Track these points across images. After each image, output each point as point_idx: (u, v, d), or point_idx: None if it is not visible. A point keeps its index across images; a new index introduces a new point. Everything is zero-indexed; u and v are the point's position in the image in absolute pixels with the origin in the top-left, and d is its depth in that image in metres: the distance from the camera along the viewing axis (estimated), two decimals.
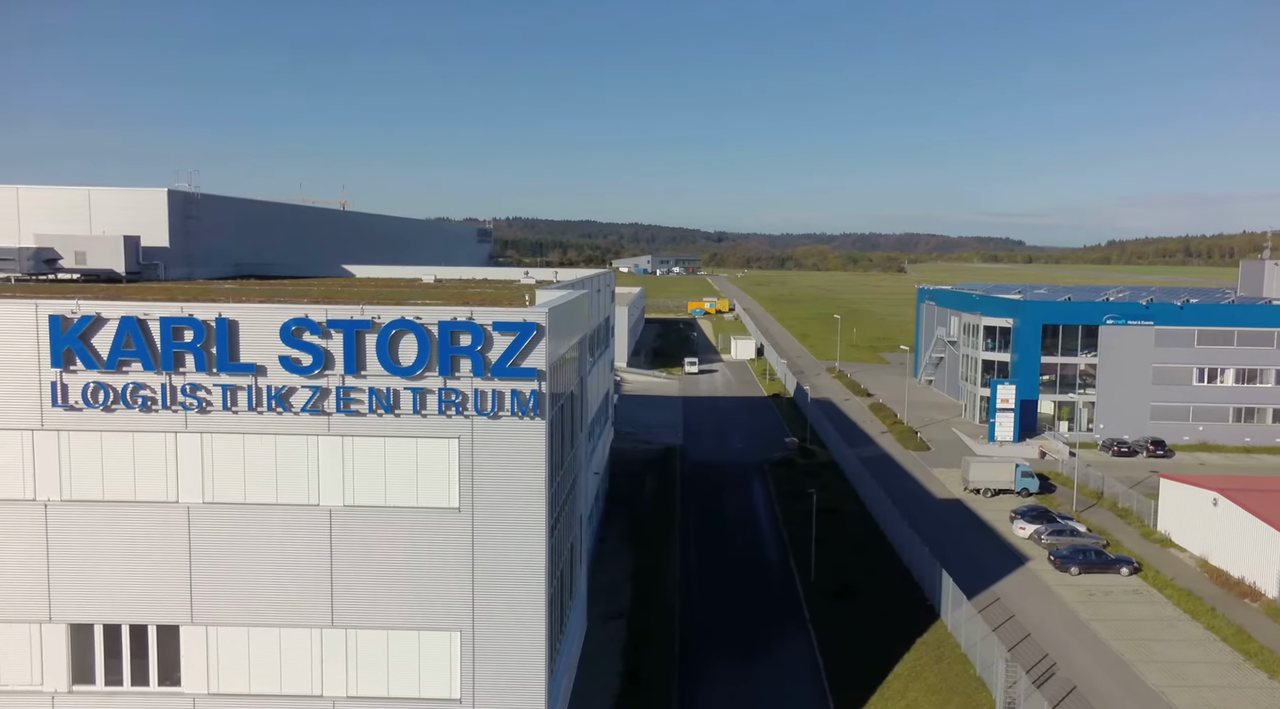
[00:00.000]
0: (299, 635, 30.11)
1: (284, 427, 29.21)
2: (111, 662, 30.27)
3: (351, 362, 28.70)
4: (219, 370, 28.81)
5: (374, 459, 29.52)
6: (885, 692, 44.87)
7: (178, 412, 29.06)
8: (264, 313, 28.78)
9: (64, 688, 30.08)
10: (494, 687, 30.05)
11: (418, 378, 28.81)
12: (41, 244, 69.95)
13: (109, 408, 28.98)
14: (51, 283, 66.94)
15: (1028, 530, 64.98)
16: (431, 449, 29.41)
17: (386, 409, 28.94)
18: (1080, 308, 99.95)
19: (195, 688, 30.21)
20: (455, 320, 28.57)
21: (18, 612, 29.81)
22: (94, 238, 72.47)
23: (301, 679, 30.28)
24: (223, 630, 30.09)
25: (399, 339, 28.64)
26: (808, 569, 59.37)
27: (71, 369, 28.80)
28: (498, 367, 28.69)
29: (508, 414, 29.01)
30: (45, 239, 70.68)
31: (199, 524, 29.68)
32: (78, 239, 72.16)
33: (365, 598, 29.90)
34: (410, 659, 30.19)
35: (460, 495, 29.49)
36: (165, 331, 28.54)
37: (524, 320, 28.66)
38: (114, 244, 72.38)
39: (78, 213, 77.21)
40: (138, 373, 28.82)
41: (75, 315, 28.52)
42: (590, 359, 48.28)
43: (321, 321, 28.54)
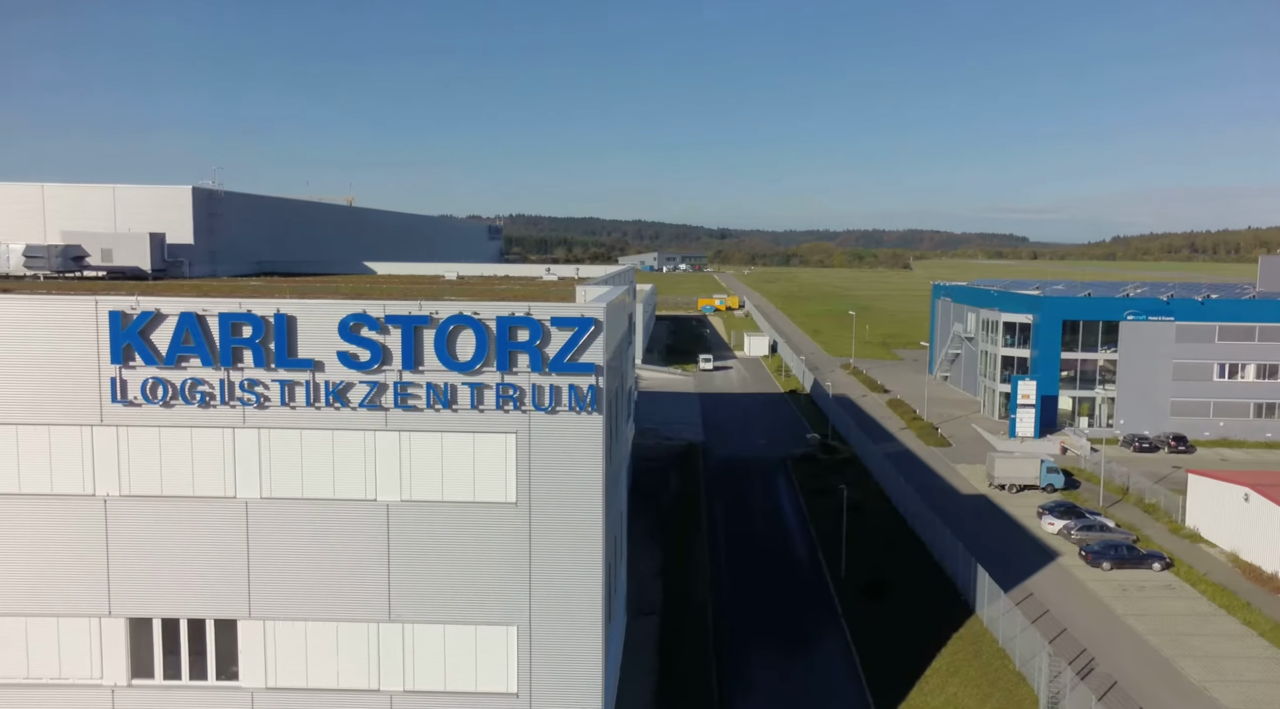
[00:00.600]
0: (356, 630, 30.22)
1: (341, 422, 29.31)
2: (170, 656, 30.39)
3: (410, 357, 28.78)
4: (277, 366, 28.91)
5: (431, 454, 29.60)
6: (924, 686, 44.89)
7: (236, 407, 29.16)
8: (322, 308, 28.86)
9: (123, 682, 30.23)
10: (551, 681, 30.13)
11: (475, 373, 28.87)
12: (68, 241, 70.12)
13: (168, 403, 29.09)
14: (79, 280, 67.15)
15: (1056, 526, 64.98)
16: (489, 444, 29.49)
17: (444, 404, 29.02)
18: (1100, 304, 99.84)
19: (253, 682, 30.33)
20: (513, 316, 28.63)
21: (78, 606, 29.96)
22: (120, 235, 72.65)
23: (359, 673, 30.40)
24: (280, 625, 30.20)
25: (457, 334, 28.71)
26: (837, 565, 59.41)
27: (131, 365, 28.91)
28: (556, 362, 28.74)
29: (565, 409, 29.07)
30: (71, 236, 70.86)
31: (257, 519, 29.79)
32: (104, 236, 72.34)
33: (422, 592, 29.99)
34: (467, 654, 30.28)
35: (517, 490, 29.57)
36: (224, 327, 28.63)
37: (582, 315, 28.72)
38: (140, 241, 72.53)
39: (102, 210, 77.40)
40: (196, 368, 28.93)
41: (135, 311, 28.63)
42: (622, 355, 48.43)
43: (380, 317, 28.61)
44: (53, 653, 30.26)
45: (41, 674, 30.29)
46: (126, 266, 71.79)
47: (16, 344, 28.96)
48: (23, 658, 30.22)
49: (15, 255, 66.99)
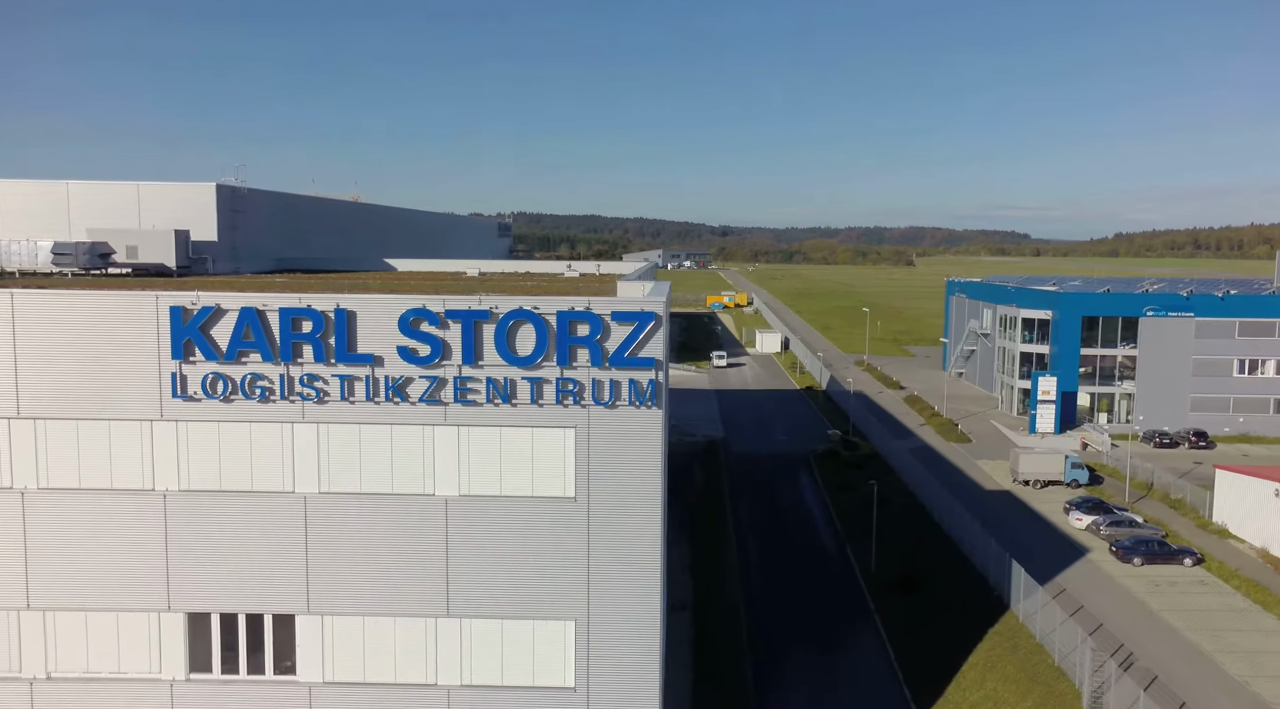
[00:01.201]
0: (414, 625, 30.28)
1: (400, 417, 29.37)
2: (227, 651, 30.47)
3: (470, 352, 28.82)
4: (337, 361, 28.98)
5: (490, 449, 29.66)
6: (961, 682, 44.92)
7: (295, 402, 29.21)
8: (382, 303, 28.90)
9: (182, 676, 30.32)
10: (608, 675, 30.19)
11: (535, 368, 28.92)
12: (95, 239, 70.21)
13: (227, 398, 29.16)
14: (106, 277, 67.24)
15: (1084, 521, 64.96)
16: (548, 439, 29.54)
17: (504, 399, 29.06)
18: (1120, 300, 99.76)
19: (310, 677, 30.41)
20: (574, 310, 28.67)
21: (137, 601, 30.06)
22: (145, 232, 72.72)
23: (416, 668, 30.47)
24: (338, 620, 30.29)
25: (517, 329, 28.75)
26: (866, 560, 59.44)
27: (191, 360, 29.00)
28: (616, 356, 28.78)
29: (625, 403, 29.11)
30: (97, 233, 70.93)
31: (315, 514, 29.85)
32: (129, 233, 72.39)
33: (480, 587, 30.06)
34: (524, 648, 30.35)
35: (576, 485, 29.61)
36: (284, 322, 28.68)
37: (642, 310, 28.75)
38: (165, 238, 72.60)
39: (127, 208, 77.49)
40: (256, 364, 28.99)
41: (195, 306, 28.69)
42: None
43: (440, 312, 28.65)
44: (112, 647, 30.36)
45: (100, 668, 30.40)
46: (151, 264, 71.89)
47: (78, 339, 29.06)
48: (82, 652, 30.33)
49: (44, 252, 67.07)
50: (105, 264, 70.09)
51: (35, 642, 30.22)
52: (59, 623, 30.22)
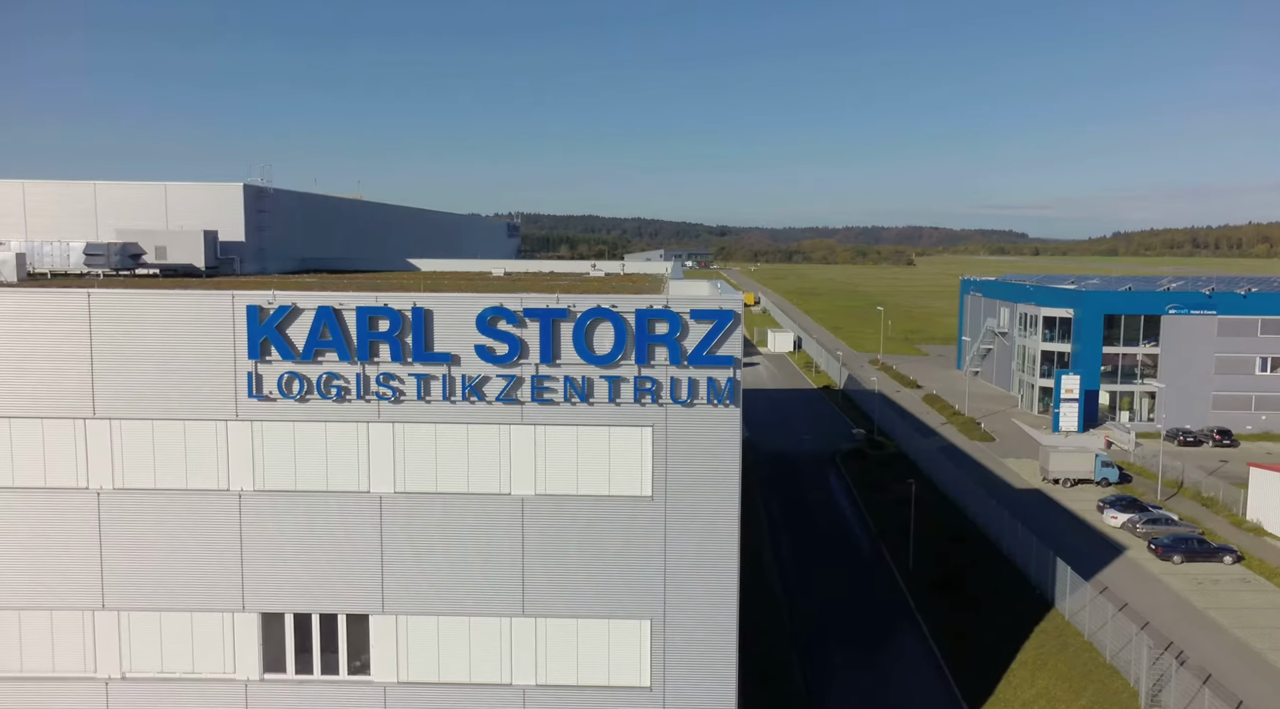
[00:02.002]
0: (489, 624, 30.22)
1: (477, 416, 29.31)
2: (301, 652, 30.38)
3: (548, 350, 28.76)
4: (414, 360, 28.88)
5: (566, 448, 29.59)
6: (1011, 680, 44.86)
7: (371, 401, 29.14)
8: (460, 302, 28.85)
9: (256, 677, 30.24)
10: (684, 674, 30.15)
11: (613, 366, 28.87)
12: (123, 239, 70.08)
13: (303, 398, 29.10)
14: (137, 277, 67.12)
15: (1119, 519, 64.91)
16: (625, 437, 29.48)
17: (581, 398, 29.00)
18: (1142, 297, 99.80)
19: (385, 677, 30.34)
20: (652, 309, 28.60)
21: (211, 601, 29.99)
22: (174, 233, 72.55)
23: (491, 668, 30.41)
24: (413, 619, 30.21)
25: (595, 327, 28.69)
26: (902, 558, 59.39)
27: (267, 359, 28.93)
28: (695, 354, 28.72)
29: (703, 402, 29.06)
30: (125, 234, 70.76)
31: (390, 513, 29.79)
32: (158, 234, 72.20)
33: (556, 586, 29.99)
34: (600, 647, 30.29)
35: (653, 483, 29.54)
36: (361, 321, 28.62)
37: (720, 308, 28.68)
38: (194, 239, 72.43)
39: (154, 208, 77.33)
40: (333, 363, 28.92)
41: (272, 306, 28.62)
42: None
43: (518, 310, 28.59)
44: (186, 648, 30.29)
45: (175, 669, 30.33)
46: (180, 264, 71.71)
47: (153, 339, 29.01)
48: (156, 652, 30.26)
49: (76, 253, 66.91)
50: (135, 265, 70.02)
51: (110, 642, 30.15)
52: (133, 623, 30.15)
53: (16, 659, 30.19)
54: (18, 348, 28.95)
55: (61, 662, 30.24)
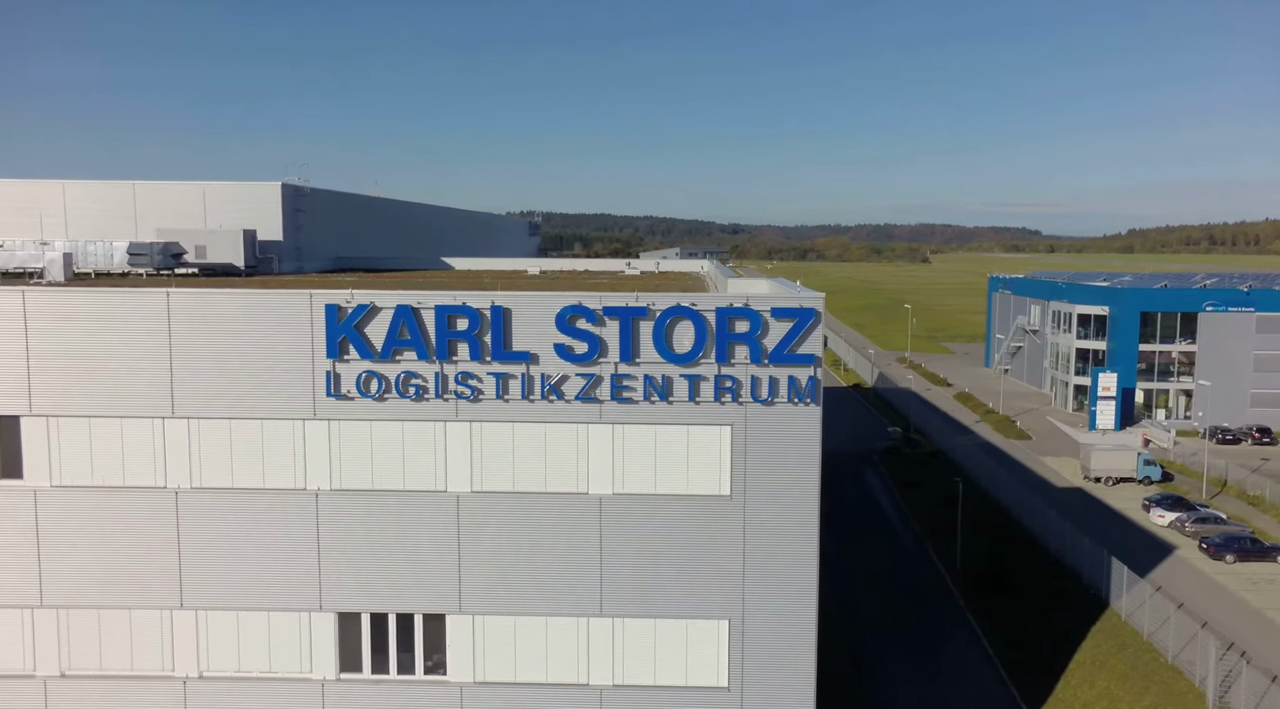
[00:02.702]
0: (565, 624, 30.08)
1: (555, 414, 29.16)
2: (378, 651, 30.31)
3: (627, 349, 28.59)
4: (493, 359, 28.74)
5: (644, 447, 29.42)
6: (1070, 680, 44.50)
7: (449, 400, 29.02)
8: (539, 300, 28.70)
9: (332, 676, 30.20)
10: (763, 674, 29.95)
11: (693, 365, 28.68)
12: (164, 239, 70.31)
13: (381, 397, 28.99)
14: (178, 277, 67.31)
15: (1167, 518, 64.38)
16: (704, 436, 29.29)
17: (661, 396, 28.83)
18: (1179, 295, 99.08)
19: (461, 677, 30.24)
20: (732, 307, 28.40)
21: (289, 600, 29.95)
22: (214, 232, 72.81)
23: (568, 668, 30.27)
24: (489, 619, 30.08)
25: (674, 326, 28.51)
26: (947, 557, 59.04)
27: (345, 359, 28.84)
28: (775, 353, 28.52)
29: (783, 401, 28.85)
30: (166, 233, 71.05)
31: (468, 513, 29.68)
32: (198, 233, 72.50)
33: (633, 586, 29.84)
34: (677, 648, 30.11)
35: (732, 483, 29.34)
36: (440, 320, 28.50)
37: (801, 306, 28.47)
38: (234, 238, 72.65)
39: (192, 208, 77.55)
40: (411, 362, 28.81)
41: (350, 305, 28.54)
42: None
43: (598, 309, 28.43)
44: (263, 647, 30.26)
45: (252, 668, 30.30)
46: (219, 263, 71.97)
47: (231, 339, 28.96)
48: (234, 651, 30.23)
49: (119, 253, 67.25)
50: (177, 264, 70.26)
51: (188, 640, 30.14)
52: (211, 622, 30.14)
53: (96, 658, 30.23)
54: (98, 347, 28.95)
55: (140, 661, 30.26)
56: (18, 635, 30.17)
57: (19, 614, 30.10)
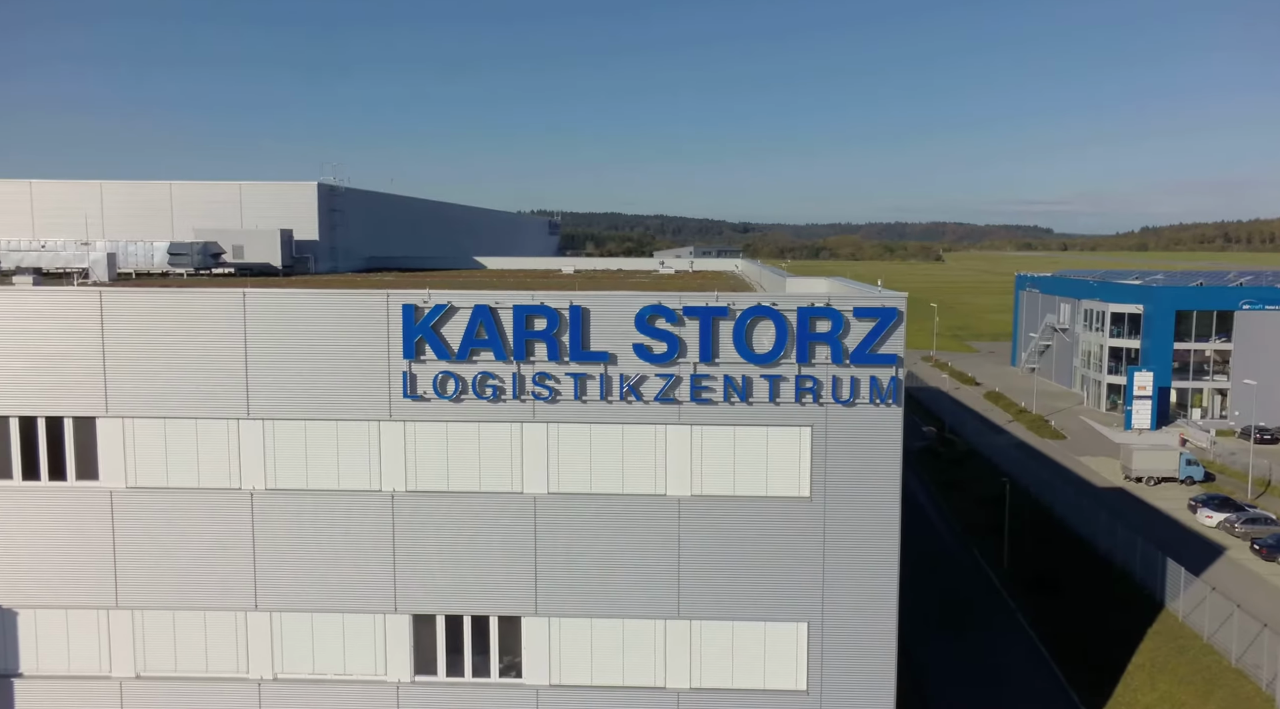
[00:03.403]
0: (643, 627, 29.81)
1: (632, 415, 28.89)
2: (453, 653, 30.11)
3: (707, 349, 28.30)
4: (571, 359, 28.48)
5: (723, 448, 29.13)
6: (1130, 683, 44.06)
7: (526, 401, 28.78)
8: (618, 300, 28.45)
9: (407, 678, 30.00)
10: (842, 678, 29.62)
11: (773, 365, 28.36)
12: (202, 239, 70.36)
13: (457, 398, 28.76)
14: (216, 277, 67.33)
15: (1215, 518, 63.80)
16: (783, 437, 28.99)
17: (741, 397, 28.53)
18: (1214, 293, 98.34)
19: (537, 680, 30.00)
20: (814, 306, 28.08)
21: (364, 602, 29.77)
22: (251, 232, 72.86)
23: (645, 671, 30.01)
24: (565, 622, 29.83)
25: (755, 325, 28.21)
26: (993, 558, 58.62)
27: (421, 359, 28.61)
28: (857, 353, 28.19)
29: (864, 401, 28.51)
30: (204, 233, 71.13)
31: (545, 514, 29.43)
32: (235, 233, 72.59)
33: (712, 589, 29.55)
34: (755, 650, 29.83)
35: (812, 484, 29.03)
36: (518, 320, 28.25)
37: (883, 306, 28.13)
38: (271, 238, 72.72)
39: (228, 207, 77.63)
40: (488, 362, 28.57)
41: (427, 305, 28.33)
42: None
43: (677, 309, 28.14)
44: (338, 649, 30.10)
45: (326, 670, 30.14)
46: (256, 263, 72.00)
47: (307, 338, 28.79)
48: (308, 654, 30.08)
49: (159, 253, 67.34)
50: (215, 263, 70.30)
51: (262, 643, 29.99)
52: (285, 624, 29.97)
53: (170, 659, 30.12)
54: (174, 348, 28.81)
55: (215, 662, 30.13)
56: (93, 637, 30.08)
57: (94, 615, 30.00)
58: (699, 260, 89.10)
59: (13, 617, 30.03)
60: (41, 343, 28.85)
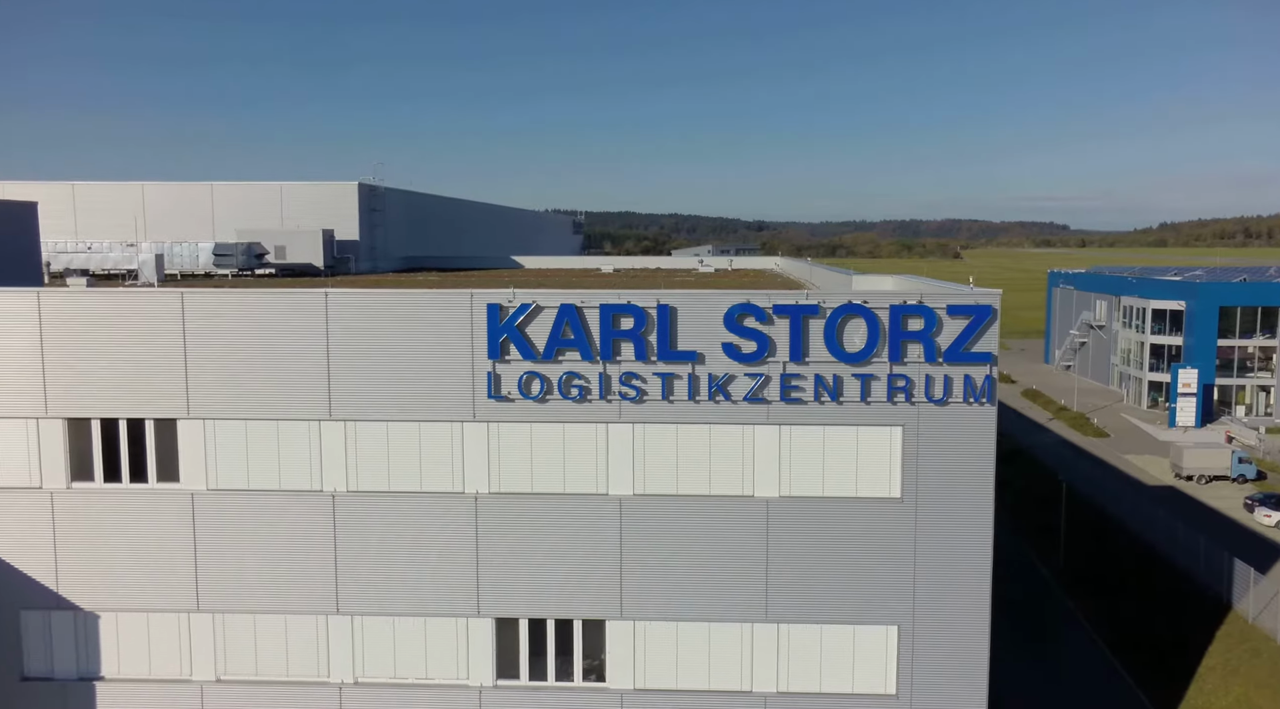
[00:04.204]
0: (729, 630, 29.37)
1: (720, 416, 28.43)
2: (535, 657, 29.72)
3: (798, 348, 27.81)
4: (658, 359, 28.03)
5: (812, 448, 28.64)
6: (1202, 686, 43.33)
7: (613, 401, 28.36)
8: (706, 299, 28.00)
9: (489, 683, 29.64)
10: (933, 682, 29.11)
11: (865, 364, 27.86)
12: (244, 239, 70.30)
13: (542, 399, 28.35)
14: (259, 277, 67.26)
15: (1274, 518, 62.85)
16: (873, 437, 28.47)
17: (832, 396, 28.03)
18: (1259, 289, 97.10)
19: (621, 684, 29.59)
20: (906, 304, 27.57)
21: (445, 606, 29.44)
22: (293, 232, 72.76)
23: (730, 675, 29.56)
24: (651, 625, 29.40)
25: (846, 324, 27.72)
26: (1048, 558, 57.88)
27: (506, 359, 28.22)
28: (950, 352, 27.67)
29: (957, 400, 27.98)
30: (246, 234, 71.10)
31: (630, 516, 29.03)
32: (278, 233, 72.50)
33: (800, 591, 29.07)
34: (844, 654, 29.33)
35: (903, 485, 28.50)
36: (605, 319, 27.84)
37: (977, 303, 27.60)
38: (313, 238, 72.61)
39: (269, 207, 77.61)
40: (574, 362, 28.16)
41: (512, 304, 27.94)
42: None
43: (767, 307, 27.67)
44: (419, 653, 29.76)
45: (408, 674, 29.80)
46: (299, 264, 71.91)
47: (389, 338, 28.44)
48: (389, 658, 29.76)
49: (205, 254, 67.35)
50: (259, 264, 70.25)
51: (343, 646, 29.69)
52: (366, 628, 29.65)
53: (251, 663, 29.85)
54: (255, 348, 28.52)
55: (295, 666, 29.84)
56: (174, 640, 29.84)
57: (175, 618, 29.76)
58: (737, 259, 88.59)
59: (94, 620, 29.82)
60: (123, 345, 28.63)
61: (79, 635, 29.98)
